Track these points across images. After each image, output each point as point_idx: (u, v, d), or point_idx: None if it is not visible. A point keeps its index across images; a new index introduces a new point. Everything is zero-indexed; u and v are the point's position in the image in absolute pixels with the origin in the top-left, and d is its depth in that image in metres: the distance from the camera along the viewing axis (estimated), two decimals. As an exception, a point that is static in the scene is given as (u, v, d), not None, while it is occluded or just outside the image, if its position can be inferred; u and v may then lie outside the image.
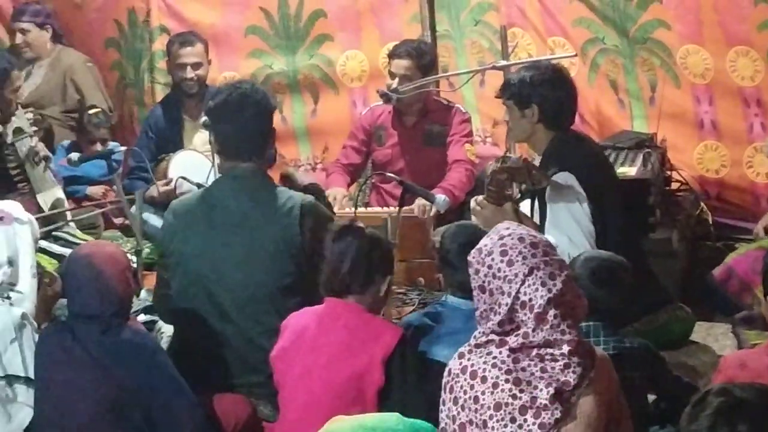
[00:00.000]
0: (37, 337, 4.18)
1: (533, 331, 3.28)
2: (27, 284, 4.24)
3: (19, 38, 7.52)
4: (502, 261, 3.32)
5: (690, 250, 6.06)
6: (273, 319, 4.29)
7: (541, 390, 3.25)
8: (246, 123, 4.48)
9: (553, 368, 3.26)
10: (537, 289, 3.28)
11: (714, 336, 5.33)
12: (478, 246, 3.43)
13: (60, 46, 7.62)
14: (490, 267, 3.34)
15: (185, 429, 3.94)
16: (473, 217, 4.90)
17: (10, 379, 4.08)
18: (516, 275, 3.30)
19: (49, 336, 4.04)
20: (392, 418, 3.41)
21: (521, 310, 3.29)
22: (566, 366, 3.26)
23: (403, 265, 5.47)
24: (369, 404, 3.81)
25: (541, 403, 3.23)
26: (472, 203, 4.89)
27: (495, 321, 3.32)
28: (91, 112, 7.13)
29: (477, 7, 7.23)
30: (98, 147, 6.94)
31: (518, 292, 3.29)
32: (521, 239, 3.34)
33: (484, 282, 3.36)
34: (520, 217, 4.81)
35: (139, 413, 3.90)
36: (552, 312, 3.28)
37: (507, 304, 3.30)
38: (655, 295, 5.09)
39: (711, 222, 6.40)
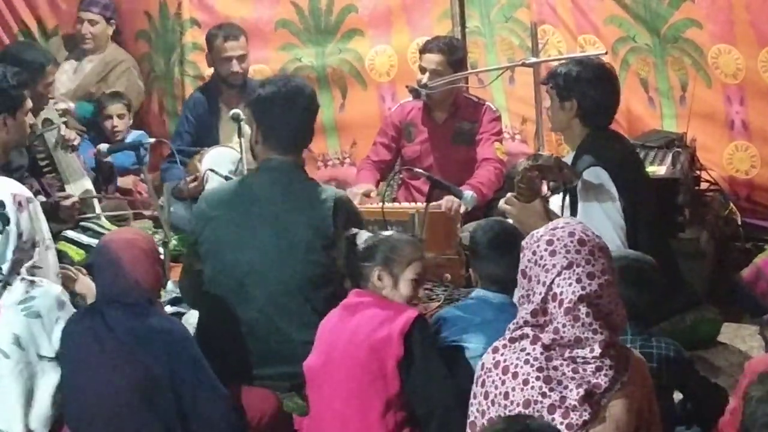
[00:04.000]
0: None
1: (563, 327, 3.28)
2: (44, 259, 4.26)
3: (85, 28, 7.48)
4: (545, 250, 3.34)
5: (718, 250, 6.04)
6: (304, 310, 4.33)
7: (571, 390, 3.25)
8: (293, 117, 4.52)
9: (585, 370, 3.26)
10: (570, 284, 3.29)
11: (741, 337, 5.32)
12: (532, 232, 3.46)
13: (114, 45, 7.65)
14: (534, 253, 3.36)
15: (212, 420, 3.95)
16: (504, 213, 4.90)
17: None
18: (554, 266, 3.31)
19: (79, 319, 4.05)
20: None
21: (552, 302, 3.30)
22: (598, 369, 3.26)
23: (429, 261, 5.45)
24: (390, 378, 3.83)
25: (570, 404, 3.24)
26: (501, 202, 4.89)
27: (528, 310, 3.35)
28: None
29: (508, 4, 7.22)
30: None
31: (552, 282, 3.30)
32: (571, 234, 3.35)
33: (526, 267, 3.39)
34: (549, 215, 4.81)
35: (168, 400, 3.90)
36: (584, 310, 3.27)
37: (541, 294, 3.32)
38: (683, 296, 5.08)
39: (740, 223, 6.36)
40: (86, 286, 4.54)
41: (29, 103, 5.40)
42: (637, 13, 6.68)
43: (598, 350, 3.26)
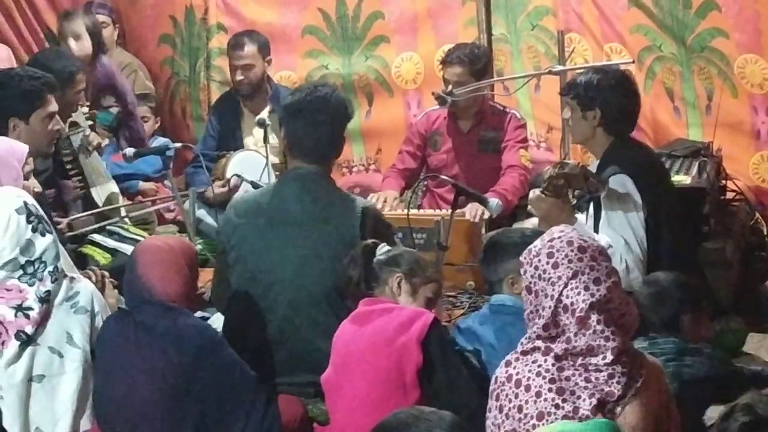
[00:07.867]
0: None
1: (575, 335, 3.29)
2: (62, 255, 4.27)
3: None
4: (548, 263, 3.34)
5: (744, 260, 6.01)
6: (329, 320, 4.31)
7: (584, 400, 3.24)
8: (319, 126, 4.48)
9: (597, 379, 3.26)
10: (579, 293, 3.29)
11: (766, 347, 5.30)
12: (529, 246, 3.46)
13: (118, 48, 7.65)
14: (536, 268, 3.37)
15: (242, 421, 3.92)
16: (531, 209, 4.90)
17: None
18: (560, 278, 3.32)
19: (113, 321, 4.06)
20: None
21: (564, 313, 3.31)
22: (610, 376, 3.26)
23: (453, 268, 5.46)
24: (410, 387, 3.83)
25: (583, 414, 3.22)
26: (532, 194, 4.87)
27: (539, 324, 3.35)
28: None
29: (534, 12, 7.22)
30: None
31: (561, 295, 3.30)
32: (570, 242, 3.35)
33: (530, 282, 3.39)
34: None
35: (197, 401, 3.87)
36: (595, 317, 3.28)
37: (550, 307, 3.32)
38: (708, 305, 5.06)
39: (765, 233, 6.34)
40: (111, 296, 4.52)
41: (50, 109, 5.18)
42: (663, 23, 6.67)
43: (610, 357, 3.26)
